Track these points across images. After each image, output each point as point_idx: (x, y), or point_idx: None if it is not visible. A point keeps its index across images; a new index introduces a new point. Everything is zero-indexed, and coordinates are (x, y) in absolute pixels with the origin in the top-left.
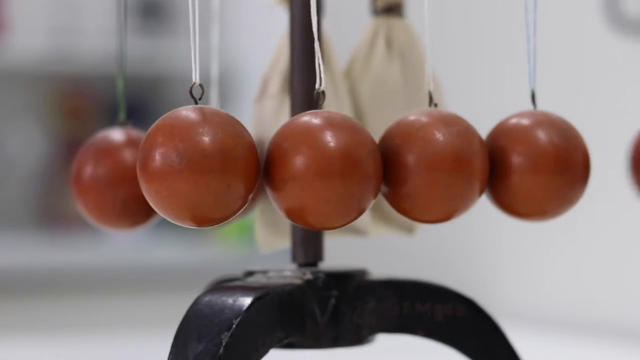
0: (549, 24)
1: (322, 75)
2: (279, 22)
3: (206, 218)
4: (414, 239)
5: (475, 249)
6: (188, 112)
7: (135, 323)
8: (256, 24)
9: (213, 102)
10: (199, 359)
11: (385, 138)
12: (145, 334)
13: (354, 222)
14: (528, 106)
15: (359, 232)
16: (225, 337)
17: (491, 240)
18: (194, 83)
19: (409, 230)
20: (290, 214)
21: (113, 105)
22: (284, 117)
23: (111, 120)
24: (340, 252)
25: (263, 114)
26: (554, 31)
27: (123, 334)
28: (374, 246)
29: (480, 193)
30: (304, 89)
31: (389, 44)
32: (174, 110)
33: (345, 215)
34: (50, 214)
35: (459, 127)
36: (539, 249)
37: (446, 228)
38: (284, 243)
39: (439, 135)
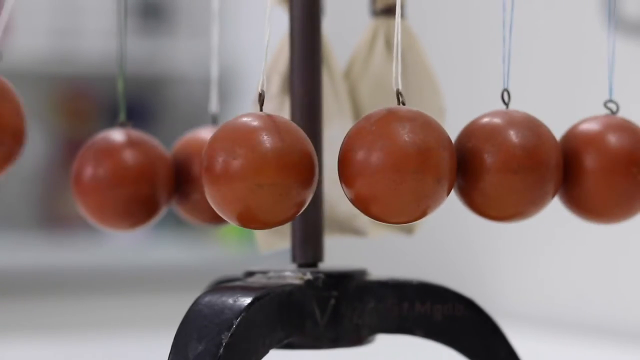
0: (549, 25)
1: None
2: (279, 23)
3: (260, 222)
4: (413, 240)
5: (475, 249)
6: (250, 118)
7: (135, 323)
8: (256, 24)
9: (213, 103)
10: (199, 359)
11: (461, 138)
12: (145, 334)
13: (355, 222)
14: (528, 106)
15: (358, 232)
16: (225, 338)
17: (491, 241)
18: (260, 91)
19: (409, 230)
20: (359, 202)
21: (113, 106)
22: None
23: (111, 121)
24: (340, 252)
25: None
26: (554, 31)
27: (123, 334)
28: (374, 246)
29: (553, 195)
30: (303, 90)
31: (388, 44)
32: (237, 116)
33: (412, 213)
34: (51, 215)
35: (537, 129)
36: (538, 249)
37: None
38: (283, 243)
39: (514, 136)
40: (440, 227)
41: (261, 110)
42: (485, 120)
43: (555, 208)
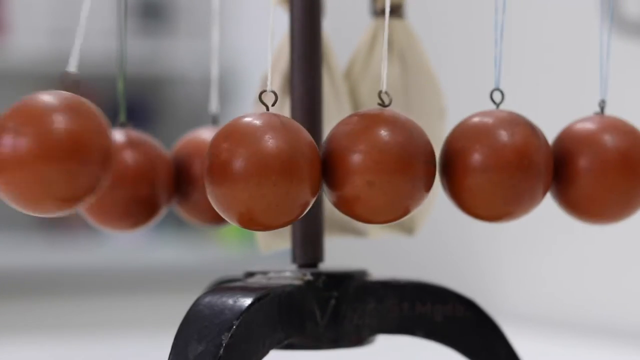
0: (549, 25)
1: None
2: (280, 23)
3: (262, 224)
4: (413, 240)
5: (475, 250)
6: (251, 118)
7: (135, 324)
8: (256, 24)
9: (213, 103)
10: (199, 359)
11: (451, 138)
12: (145, 335)
13: (355, 222)
14: (526, 106)
15: (359, 232)
16: (225, 338)
17: (491, 241)
18: (265, 90)
19: (409, 231)
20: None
21: (113, 106)
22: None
23: (111, 121)
24: (341, 253)
25: None
26: (553, 32)
27: (123, 335)
28: (374, 247)
29: (543, 194)
30: (304, 89)
31: (389, 45)
32: (241, 115)
33: (395, 212)
34: None
35: (526, 128)
36: (538, 249)
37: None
38: (284, 244)
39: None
40: (441, 228)
41: (267, 109)
42: (475, 120)
43: (556, 208)
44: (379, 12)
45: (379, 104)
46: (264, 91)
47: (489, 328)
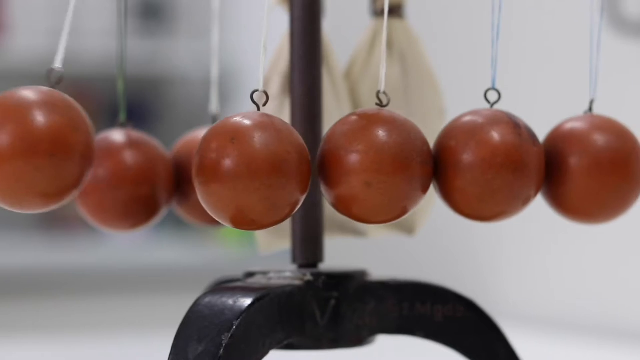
0: (549, 25)
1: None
2: (279, 23)
3: (252, 223)
4: (414, 240)
5: (476, 250)
6: (240, 117)
7: (135, 324)
8: (256, 25)
9: (213, 103)
10: (199, 359)
11: (443, 137)
12: (145, 335)
13: (355, 222)
14: (524, 106)
15: (358, 233)
16: (225, 338)
17: (491, 242)
18: (256, 89)
19: (409, 231)
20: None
21: (113, 107)
22: (285, 117)
23: (112, 122)
24: (341, 253)
25: None
26: (553, 32)
27: (123, 335)
28: (374, 247)
29: (535, 194)
30: (304, 90)
31: (389, 45)
32: (230, 115)
33: (392, 212)
34: (51, 215)
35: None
36: (538, 249)
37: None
38: (284, 244)
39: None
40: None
41: (259, 109)
42: (467, 119)
43: None
44: (379, 12)
45: (377, 104)
46: (256, 91)
47: (489, 328)
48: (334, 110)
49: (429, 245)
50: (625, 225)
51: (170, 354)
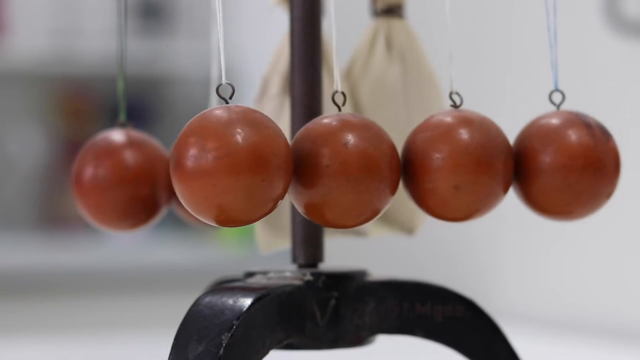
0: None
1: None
2: (279, 23)
3: (234, 219)
4: (414, 240)
5: (476, 250)
6: (220, 111)
7: (135, 324)
8: (256, 25)
9: (213, 103)
10: (199, 359)
11: (411, 138)
12: (145, 335)
13: None
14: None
15: (359, 232)
16: (225, 338)
17: (491, 241)
18: (222, 83)
19: (409, 230)
20: (310, 211)
21: (113, 106)
22: (285, 117)
23: (112, 121)
24: (341, 253)
25: None
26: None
27: (123, 335)
28: (374, 247)
29: (505, 192)
30: (304, 90)
31: (389, 45)
32: (206, 111)
33: (361, 215)
34: (51, 215)
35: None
36: (539, 249)
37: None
38: (284, 244)
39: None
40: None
41: (227, 103)
42: (436, 119)
43: None
44: (379, 12)
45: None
46: (220, 84)
47: (489, 328)
48: (334, 111)
49: (429, 245)
50: (625, 225)
51: (170, 353)
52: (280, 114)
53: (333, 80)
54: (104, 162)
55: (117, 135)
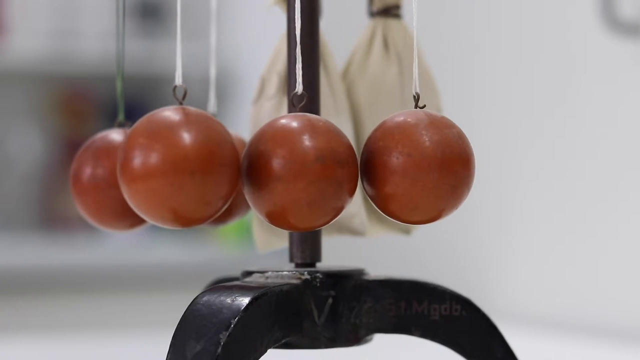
0: (546, 26)
1: (300, 79)
2: (277, 23)
3: (186, 219)
4: (411, 239)
5: (473, 250)
6: (169, 112)
7: (134, 322)
8: (254, 25)
9: (211, 103)
10: (197, 358)
11: (370, 140)
12: (144, 334)
13: (353, 222)
14: (516, 105)
15: (356, 232)
16: (223, 337)
17: (490, 241)
18: (176, 85)
19: (406, 230)
20: (271, 216)
21: (112, 106)
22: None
23: (110, 121)
24: (338, 252)
25: (261, 115)
26: (552, 32)
27: (122, 334)
28: (372, 246)
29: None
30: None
31: (386, 45)
32: (155, 111)
33: (324, 216)
34: (50, 214)
35: (445, 129)
36: (538, 249)
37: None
38: (281, 243)
39: (425, 138)
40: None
41: (180, 104)
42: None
43: (556, 209)
44: (376, 13)
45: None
46: (176, 86)
47: (486, 327)
48: (331, 110)
49: (427, 244)
50: (624, 226)
51: (169, 352)
52: (277, 114)
53: (330, 81)
54: (103, 161)
55: (115, 135)
